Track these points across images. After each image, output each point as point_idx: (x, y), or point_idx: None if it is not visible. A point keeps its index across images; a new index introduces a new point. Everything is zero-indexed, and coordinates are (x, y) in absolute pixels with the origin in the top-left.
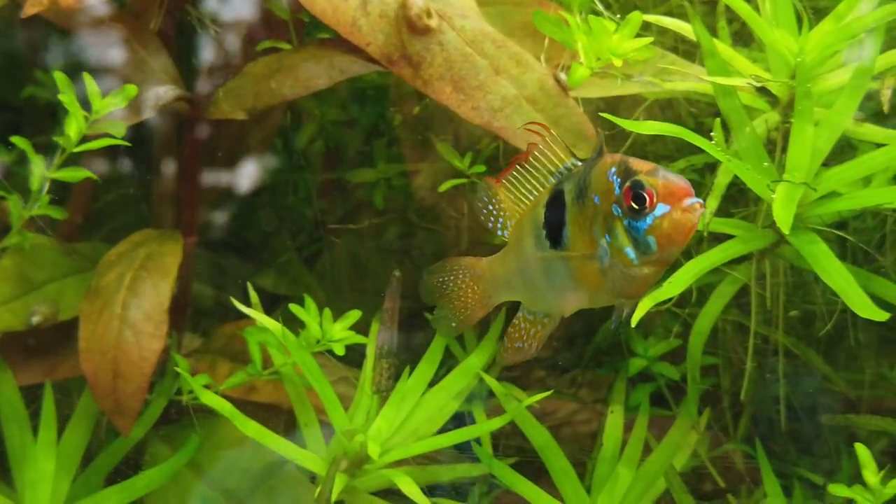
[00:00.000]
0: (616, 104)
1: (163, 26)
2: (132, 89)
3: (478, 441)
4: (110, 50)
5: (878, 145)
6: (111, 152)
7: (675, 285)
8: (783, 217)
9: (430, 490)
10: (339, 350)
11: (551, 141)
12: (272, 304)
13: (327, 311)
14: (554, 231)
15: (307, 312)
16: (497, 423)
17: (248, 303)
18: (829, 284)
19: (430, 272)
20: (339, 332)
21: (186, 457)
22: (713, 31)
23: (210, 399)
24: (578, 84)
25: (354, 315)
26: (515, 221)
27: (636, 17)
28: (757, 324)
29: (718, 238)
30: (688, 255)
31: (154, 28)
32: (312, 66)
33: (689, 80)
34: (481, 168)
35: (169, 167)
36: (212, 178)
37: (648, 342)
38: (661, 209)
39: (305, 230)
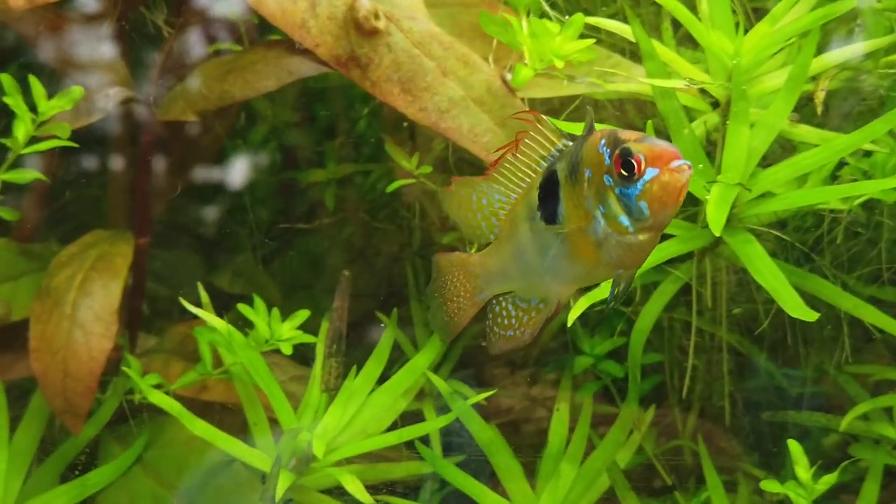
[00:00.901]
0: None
1: (116, 28)
2: (78, 91)
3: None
4: (62, 51)
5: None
6: (71, 152)
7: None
8: (716, 218)
9: (390, 486)
10: (287, 349)
11: (542, 126)
12: (228, 303)
13: (276, 311)
14: (549, 211)
15: (256, 312)
16: (442, 421)
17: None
18: (762, 284)
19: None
20: (288, 332)
21: (134, 454)
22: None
23: (158, 398)
24: (523, 85)
25: (303, 315)
26: (507, 212)
27: (578, 20)
28: (703, 322)
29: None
30: None
31: (107, 29)
32: (261, 68)
33: (633, 81)
34: (427, 169)
35: (122, 168)
36: (166, 178)
37: (594, 340)
38: (650, 173)
39: (262, 229)
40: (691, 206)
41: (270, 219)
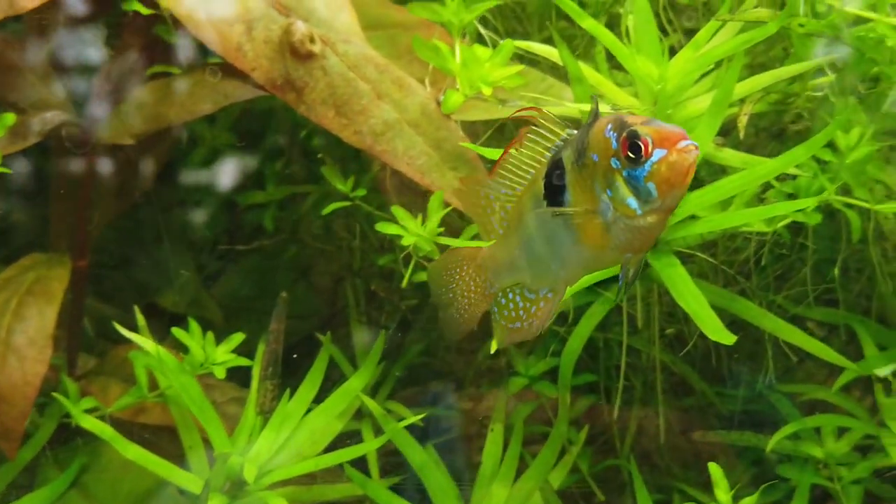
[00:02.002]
0: None
1: (55, 51)
2: (9, 118)
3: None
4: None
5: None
6: (9, 176)
7: None
8: None
9: None
10: (220, 373)
11: (545, 120)
12: (173, 324)
13: (210, 335)
14: (555, 199)
15: (191, 336)
16: (376, 443)
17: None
18: (683, 307)
19: (436, 271)
20: (222, 355)
21: (69, 479)
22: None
23: (89, 423)
24: (452, 110)
25: (238, 338)
26: (514, 203)
27: (507, 46)
28: (639, 342)
29: None
30: None
31: (46, 53)
32: (198, 92)
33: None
34: (362, 192)
35: (61, 191)
36: (106, 200)
37: (529, 361)
38: (657, 154)
39: (206, 249)
40: None
41: (214, 239)
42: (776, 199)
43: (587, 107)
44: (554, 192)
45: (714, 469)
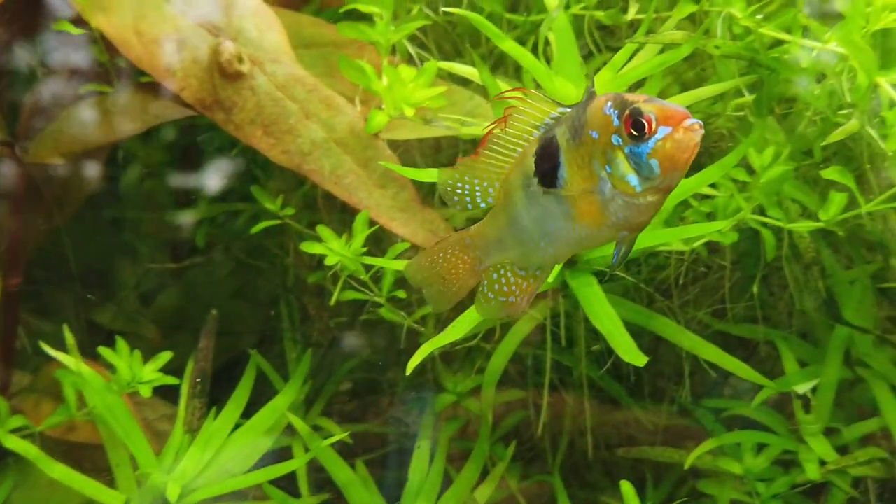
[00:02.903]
0: None
1: None
2: None
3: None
4: None
5: None
6: None
7: (457, 328)
8: None
9: None
10: (146, 392)
11: (531, 99)
12: (110, 341)
13: (137, 353)
14: (548, 176)
15: (117, 355)
16: (301, 461)
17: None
18: (598, 327)
19: (418, 262)
20: (150, 374)
21: (1, 497)
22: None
23: (13, 443)
24: (376, 130)
25: (165, 357)
26: (501, 182)
27: (431, 67)
28: (567, 358)
29: None
30: None
31: None
32: (128, 111)
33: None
34: (290, 211)
35: None
36: (39, 218)
37: (457, 377)
38: (662, 131)
39: (143, 266)
40: None
41: (152, 256)
42: (695, 219)
43: None
44: (547, 169)
45: (626, 487)
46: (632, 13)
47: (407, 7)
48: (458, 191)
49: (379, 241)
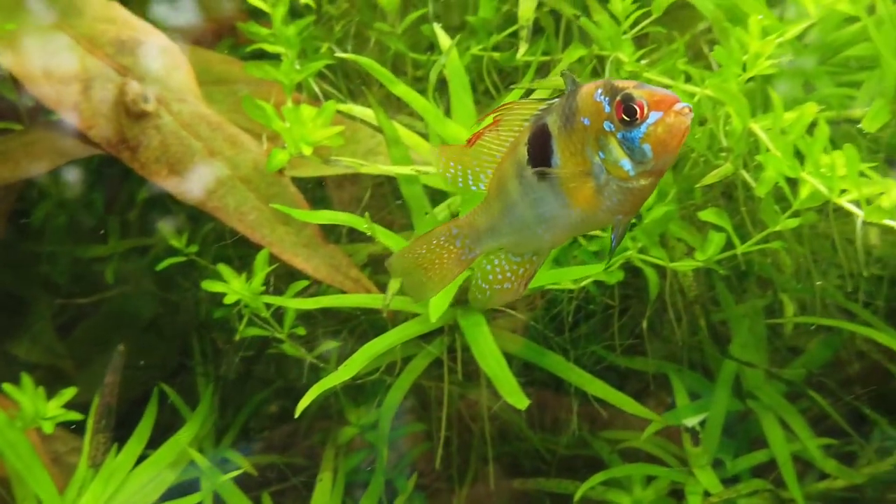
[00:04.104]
0: None
1: None
2: None
3: None
4: None
5: None
6: None
7: (349, 368)
8: (437, 304)
9: None
10: (48, 428)
11: (518, 106)
12: (26, 372)
13: (41, 390)
14: (541, 164)
15: (22, 390)
16: (196, 497)
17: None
18: (484, 368)
19: (402, 256)
20: (53, 410)
21: None
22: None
23: None
24: (277, 168)
25: (69, 392)
26: (494, 171)
27: (329, 107)
28: (471, 389)
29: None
30: None
31: None
32: (35, 150)
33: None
34: (195, 248)
35: None
36: None
37: (360, 410)
38: (654, 116)
39: (59, 299)
40: None
41: (68, 289)
42: (584, 258)
43: (398, 169)
44: (540, 157)
45: None
46: (521, 55)
47: (315, 45)
48: (452, 171)
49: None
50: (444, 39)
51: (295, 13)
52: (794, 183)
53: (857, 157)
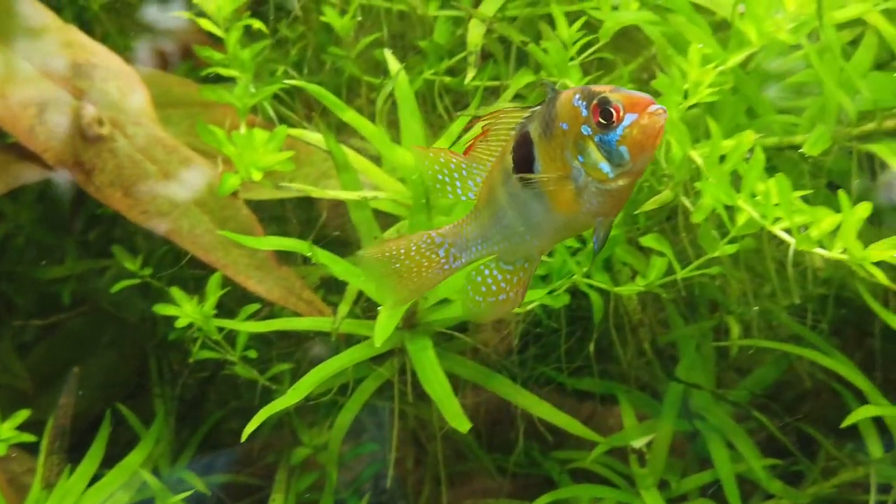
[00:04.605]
0: None
1: None
2: None
3: None
4: None
5: None
6: None
7: (297, 392)
8: (383, 328)
9: None
10: (1, 450)
11: (504, 114)
12: None
13: None
14: (524, 170)
15: None
16: None
17: None
18: (428, 391)
19: (375, 253)
20: (7, 432)
21: None
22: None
23: None
24: (229, 192)
25: (23, 415)
26: (484, 178)
27: (281, 132)
28: (426, 410)
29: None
30: None
31: None
32: None
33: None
34: (148, 271)
35: None
36: None
37: (313, 431)
38: (629, 118)
39: (19, 319)
40: None
41: (28, 309)
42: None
43: (345, 194)
44: (523, 164)
45: None
46: (469, 80)
47: (271, 68)
48: (440, 178)
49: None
50: (393, 64)
51: (252, 35)
52: (733, 209)
53: (790, 185)
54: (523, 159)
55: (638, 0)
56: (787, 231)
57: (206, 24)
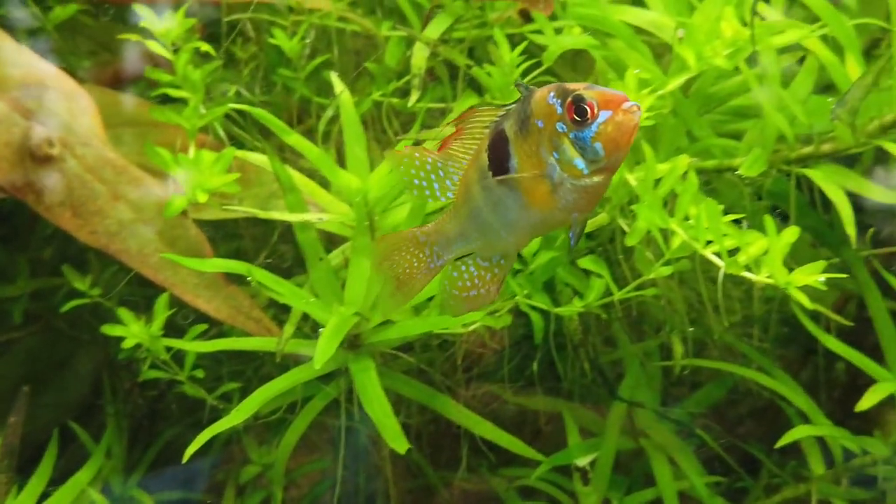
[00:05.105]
0: None
1: None
2: None
3: None
4: None
5: None
6: None
7: (241, 412)
8: (324, 348)
9: None
10: None
11: (479, 113)
12: None
13: None
14: (500, 168)
15: None
16: None
17: None
18: (369, 412)
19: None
20: None
21: None
22: None
23: None
24: (175, 213)
25: None
26: (461, 177)
27: (228, 154)
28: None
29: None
30: None
31: None
32: None
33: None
34: (97, 291)
35: None
36: None
37: (262, 450)
38: (603, 115)
39: None
40: None
41: None
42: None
43: (290, 216)
44: (499, 162)
45: None
46: (413, 103)
47: (223, 88)
48: (416, 182)
49: None
50: (338, 86)
51: (206, 55)
52: (668, 232)
53: (719, 210)
54: (499, 157)
55: (580, 25)
56: (718, 255)
57: (154, 46)
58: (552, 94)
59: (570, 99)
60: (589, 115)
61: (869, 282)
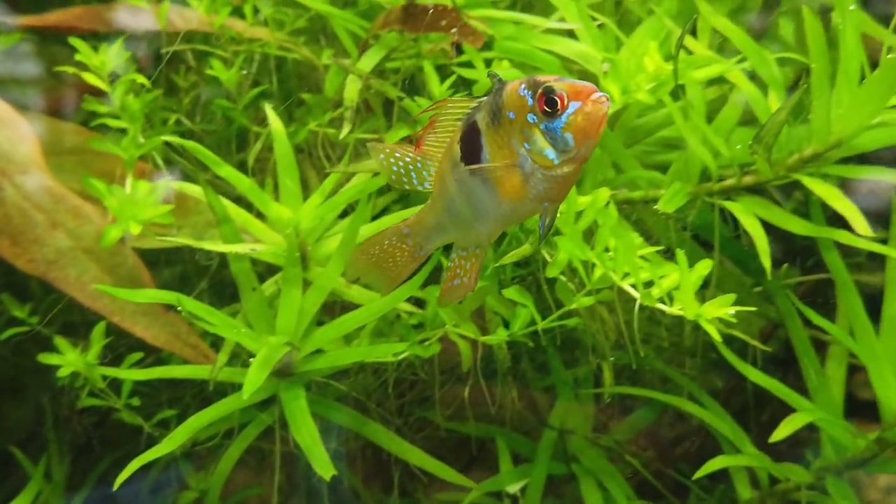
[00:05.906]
0: None
1: None
2: None
3: None
4: None
5: None
6: None
7: (172, 441)
8: (253, 379)
9: None
10: None
11: (450, 105)
12: None
13: None
14: (472, 160)
15: None
16: None
17: None
18: (297, 440)
19: (355, 260)
20: None
21: None
22: None
23: None
24: (111, 243)
25: None
26: (436, 169)
27: (162, 185)
28: None
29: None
30: None
31: None
32: None
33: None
34: (35, 320)
35: None
36: None
37: (199, 475)
38: (573, 106)
39: None
40: None
41: None
42: (402, 332)
43: (225, 247)
44: (471, 153)
45: None
46: (344, 134)
47: (164, 117)
48: (395, 170)
49: None
50: (273, 118)
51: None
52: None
53: (634, 243)
54: (471, 148)
55: (508, 59)
56: (634, 286)
57: (91, 78)
58: (523, 85)
59: (540, 90)
60: (559, 106)
61: (790, 310)
